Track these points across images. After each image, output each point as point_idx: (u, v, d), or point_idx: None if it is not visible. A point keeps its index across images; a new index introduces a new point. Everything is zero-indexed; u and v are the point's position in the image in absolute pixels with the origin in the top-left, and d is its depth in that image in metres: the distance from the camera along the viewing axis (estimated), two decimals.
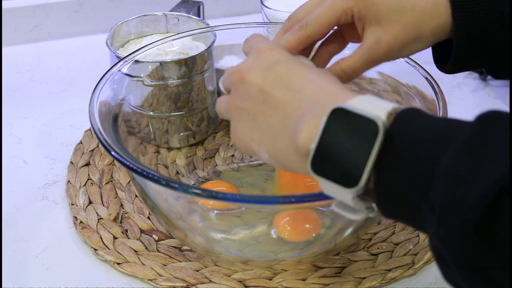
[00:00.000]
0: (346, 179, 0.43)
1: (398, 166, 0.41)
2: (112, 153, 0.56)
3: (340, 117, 0.44)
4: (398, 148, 0.42)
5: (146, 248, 0.65)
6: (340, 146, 0.43)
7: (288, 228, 0.62)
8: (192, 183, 0.74)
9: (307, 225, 0.63)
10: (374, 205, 0.44)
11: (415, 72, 0.65)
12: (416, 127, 0.42)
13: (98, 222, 0.68)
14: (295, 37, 0.56)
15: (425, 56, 1.00)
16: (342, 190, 0.43)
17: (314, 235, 0.63)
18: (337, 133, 0.44)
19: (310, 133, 0.45)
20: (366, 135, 0.42)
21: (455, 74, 0.94)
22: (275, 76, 0.50)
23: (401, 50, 0.57)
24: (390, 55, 0.57)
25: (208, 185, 0.72)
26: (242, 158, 0.77)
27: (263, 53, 0.52)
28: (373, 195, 0.43)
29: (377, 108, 0.43)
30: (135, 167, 0.54)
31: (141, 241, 0.66)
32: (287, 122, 0.48)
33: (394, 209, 0.43)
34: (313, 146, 0.44)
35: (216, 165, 0.77)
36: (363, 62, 0.56)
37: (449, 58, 0.59)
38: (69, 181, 0.73)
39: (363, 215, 0.45)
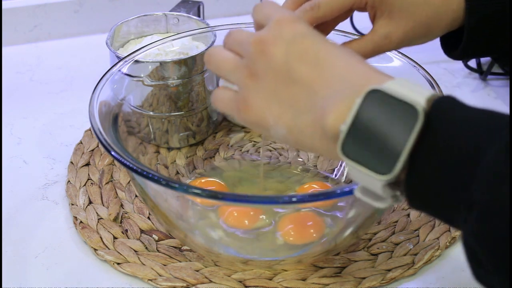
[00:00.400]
0: (379, 166, 0.41)
1: (435, 157, 0.39)
2: (112, 153, 0.56)
3: (376, 100, 0.41)
4: (436, 138, 0.39)
5: (146, 248, 0.65)
6: (375, 130, 0.41)
7: (292, 232, 0.62)
8: (189, 181, 0.74)
9: (311, 229, 0.63)
10: (399, 194, 0.42)
11: (415, 72, 0.65)
12: (455, 117, 0.40)
13: (98, 222, 0.68)
14: (305, 17, 0.54)
15: (425, 56, 1.01)
16: (373, 177, 0.41)
17: (318, 236, 0.62)
18: (372, 116, 0.41)
19: (341, 114, 0.43)
20: (405, 120, 0.40)
21: (455, 74, 0.94)
22: (300, 50, 0.47)
23: (409, 43, 0.57)
24: (396, 48, 0.56)
25: (197, 183, 0.72)
26: (241, 154, 0.77)
27: (285, 24, 0.48)
28: (403, 185, 0.41)
29: (415, 93, 0.41)
30: (135, 167, 0.54)
31: (141, 241, 0.66)
32: (313, 99, 0.46)
33: (424, 201, 0.41)
34: (344, 128, 0.42)
35: (215, 162, 0.77)
36: (370, 51, 0.55)
37: (457, 44, 0.58)
38: (69, 181, 0.73)
39: (388, 203, 0.43)
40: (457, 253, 0.65)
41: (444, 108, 0.40)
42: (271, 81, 0.48)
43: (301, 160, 0.76)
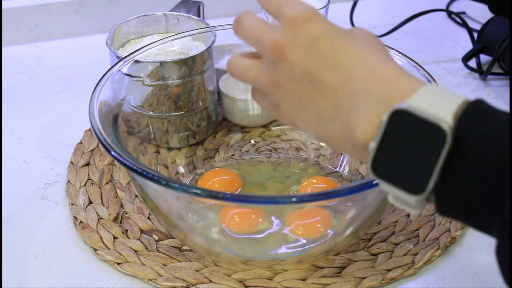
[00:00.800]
0: (410, 186, 0.41)
1: (466, 172, 0.39)
2: (112, 153, 0.56)
3: (402, 119, 0.41)
4: (466, 153, 0.39)
5: (146, 248, 0.65)
6: (404, 150, 0.41)
7: (301, 228, 0.62)
8: (189, 180, 0.74)
9: (319, 224, 0.63)
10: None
11: (415, 72, 0.65)
12: (485, 129, 0.39)
13: (98, 222, 0.68)
14: None
15: (425, 56, 1.01)
16: (405, 195, 0.42)
17: (327, 231, 0.62)
18: (400, 137, 0.41)
19: (368, 131, 0.43)
20: (432, 141, 0.40)
21: (455, 74, 0.94)
22: (319, 55, 0.46)
23: None
24: None
25: (210, 174, 0.73)
26: (241, 155, 0.77)
27: (300, 26, 0.47)
28: (434, 197, 0.41)
29: (441, 107, 0.40)
30: (135, 167, 0.54)
31: (141, 241, 0.66)
32: (337, 109, 0.45)
33: (455, 213, 0.41)
34: (373, 146, 0.42)
35: (215, 162, 0.77)
36: None
37: None
38: (69, 181, 0.73)
39: (422, 209, 0.43)
40: (457, 253, 0.65)
41: (473, 119, 0.40)
42: (294, 89, 0.48)
43: (303, 155, 0.76)
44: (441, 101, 0.41)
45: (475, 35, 0.96)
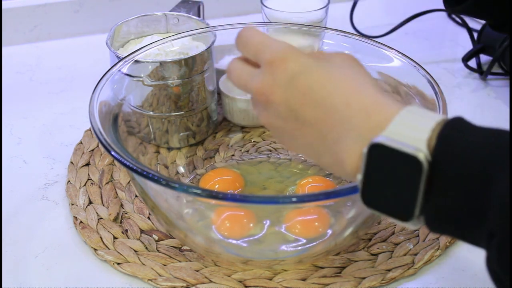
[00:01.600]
0: (398, 214, 0.43)
1: (447, 191, 0.41)
2: (112, 153, 0.56)
3: (380, 153, 0.43)
4: (446, 174, 0.41)
5: (146, 248, 0.65)
6: (386, 182, 0.43)
7: (299, 226, 0.62)
8: (188, 180, 0.74)
9: (317, 223, 0.63)
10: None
11: (415, 72, 0.65)
12: (462, 148, 0.40)
13: (98, 222, 0.68)
14: None
15: (425, 56, 1.01)
16: (396, 221, 0.44)
17: (326, 229, 0.62)
18: (380, 169, 0.43)
19: (354, 163, 0.45)
20: (410, 171, 0.41)
21: (455, 74, 0.94)
22: (298, 93, 0.48)
23: None
24: None
25: (211, 174, 0.73)
26: (241, 156, 0.77)
27: (276, 66, 0.49)
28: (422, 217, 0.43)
29: (415, 136, 0.42)
30: (135, 167, 0.54)
31: (141, 241, 0.66)
32: (325, 142, 0.47)
33: (444, 229, 0.43)
34: (359, 178, 0.44)
35: (215, 162, 0.77)
36: None
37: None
38: (69, 181, 0.73)
39: (420, 226, 0.44)
40: (457, 253, 0.65)
41: (450, 139, 0.41)
42: (285, 127, 0.50)
43: (302, 157, 0.77)
44: (415, 128, 0.42)
45: (475, 35, 0.96)
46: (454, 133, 0.41)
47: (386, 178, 0.43)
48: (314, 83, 0.48)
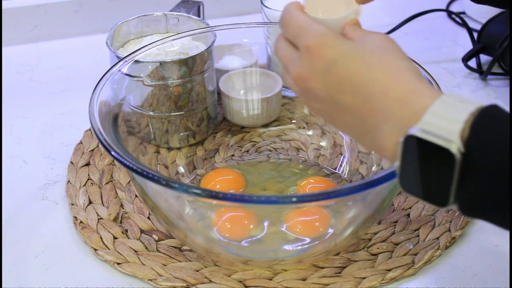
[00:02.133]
0: (434, 201, 0.45)
1: (479, 182, 0.42)
2: (112, 153, 0.56)
3: (415, 143, 0.44)
4: (477, 164, 0.42)
5: (146, 248, 0.65)
6: (421, 171, 0.45)
7: (299, 226, 0.62)
8: (188, 180, 0.74)
9: (317, 222, 0.63)
10: None
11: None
12: (493, 139, 0.42)
13: (98, 222, 0.68)
14: None
15: (425, 56, 1.01)
16: (433, 205, 0.46)
17: (326, 229, 0.62)
18: (415, 159, 0.45)
19: (393, 151, 0.46)
20: (443, 162, 0.43)
21: (455, 74, 0.94)
22: (336, 80, 0.49)
23: None
24: None
25: (212, 174, 0.73)
26: (241, 156, 0.77)
27: (314, 53, 0.50)
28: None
29: (450, 127, 0.43)
30: (135, 167, 0.54)
31: (141, 241, 0.66)
32: (366, 126, 0.49)
33: (476, 213, 0.45)
34: (397, 164, 0.46)
35: (215, 162, 0.77)
36: None
37: None
38: (69, 181, 0.73)
39: (453, 207, 0.46)
40: (457, 253, 0.65)
41: (482, 129, 0.43)
42: (325, 110, 0.51)
43: (303, 156, 0.77)
44: (449, 119, 0.44)
45: (475, 35, 0.96)
46: (487, 124, 0.43)
47: (422, 167, 0.45)
48: (352, 71, 0.48)
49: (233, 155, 0.78)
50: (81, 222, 0.68)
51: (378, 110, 0.47)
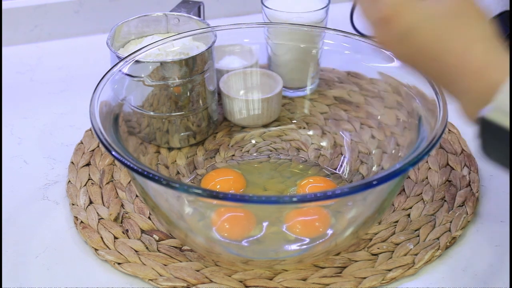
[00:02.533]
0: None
1: None
2: (113, 153, 0.56)
3: (488, 123, 0.47)
4: None
5: (147, 248, 0.65)
6: (498, 146, 0.47)
7: (299, 226, 0.62)
8: (189, 180, 0.74)
9: (317, 222, 0.63)
10: None
11: (416, 72, 0.65)
12: None
13: (98, 222, 0.68)
14: None
15: None
16: None
17: (326, 229, 0.62)
18: (491, 135, 0.47)
19: (474, 120, 0.48)
20: None
21: None
22: (412, 49, 0.51)
23: None
24: None
25: (213, 174, 0.73)
26: (241, 156, 0.77)
27: (390, 21, 0.51)
28: None
29: None
30: (135, 167, 0.54)
31: (141, 241, 0.66)
32: (445, 88, 0.52)
33: None
34: (477, 136, 0.48)
35: (216, 162, 0.77)
36: None
37: None
38: (69, 181, 0.73)
39: None
40: (457, 253, 0.65)
41: None
42: (401, 55, 0.53)
43: (303, 156, 0.77)
44: None
45: None
46: None
47: (497, 143, 0.47)
48: (428, 39, 0.50)
49: (233, 155, 0.78)
50: (81, 222, 0.68)
51: (454, 82, 0.49)
